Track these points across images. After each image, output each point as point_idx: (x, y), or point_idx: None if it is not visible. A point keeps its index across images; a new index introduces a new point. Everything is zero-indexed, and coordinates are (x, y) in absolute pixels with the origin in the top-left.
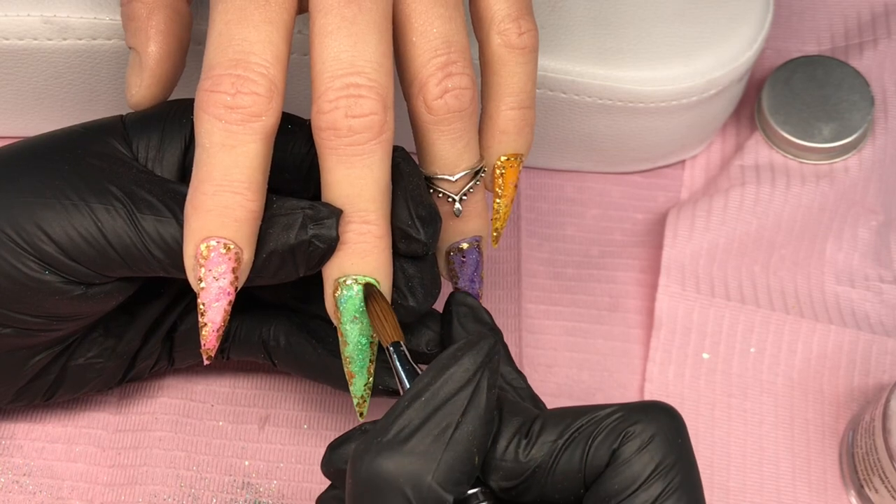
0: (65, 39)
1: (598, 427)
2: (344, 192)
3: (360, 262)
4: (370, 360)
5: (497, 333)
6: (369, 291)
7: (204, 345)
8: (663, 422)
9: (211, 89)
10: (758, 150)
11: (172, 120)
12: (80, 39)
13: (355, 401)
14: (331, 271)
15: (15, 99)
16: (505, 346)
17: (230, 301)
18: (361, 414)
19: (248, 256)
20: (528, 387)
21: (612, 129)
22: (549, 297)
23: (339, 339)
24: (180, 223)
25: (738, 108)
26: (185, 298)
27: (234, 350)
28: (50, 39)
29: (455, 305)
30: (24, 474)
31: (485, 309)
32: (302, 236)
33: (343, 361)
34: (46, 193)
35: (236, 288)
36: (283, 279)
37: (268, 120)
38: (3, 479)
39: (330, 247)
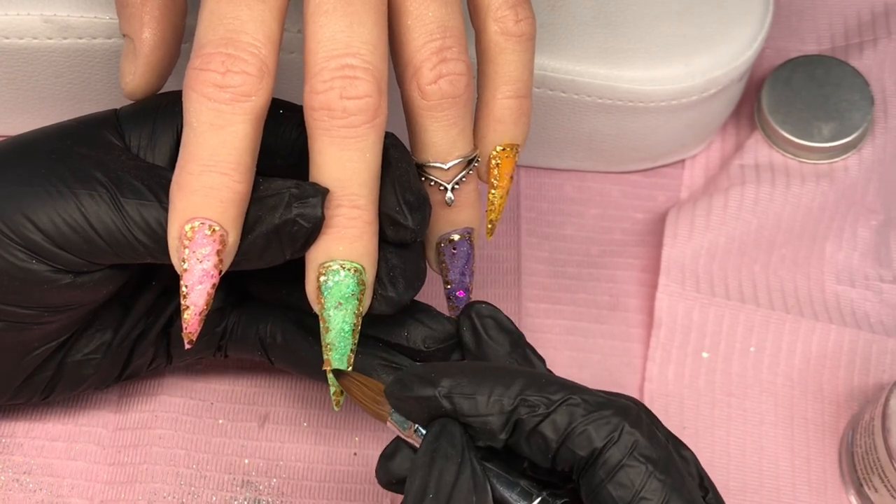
0: (65, 38)
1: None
2: (335, 175)
3: (347, 247)
4: (351, 350)
5: (521, 337)
6: (339, 374)
7: (186, 328)
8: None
9: (200, 67)
10: (757, 150)
11: (164, 110)
12: (80, 38)
13: (332, 389)
14: (316, 254)
15: (15, 97)
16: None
17: (214, 284)
18: (338, 403)
19: (233, 239)
20: None
21: (612, 129)
22: (549, 297)
23: (321, 326)
24: (165, 207)
25: (738, 108)
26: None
27: (231, 347)
28: (50, 38)
29: (478, 319)
30: (25, 472)
31: (504, 314)
32: (286, 215)
33: (323, 349)
34: (32, 182)
35: (220, 271)
36: (269, 262)
37: (258, 100)
38: (3, 477)
39: (315, 226)
